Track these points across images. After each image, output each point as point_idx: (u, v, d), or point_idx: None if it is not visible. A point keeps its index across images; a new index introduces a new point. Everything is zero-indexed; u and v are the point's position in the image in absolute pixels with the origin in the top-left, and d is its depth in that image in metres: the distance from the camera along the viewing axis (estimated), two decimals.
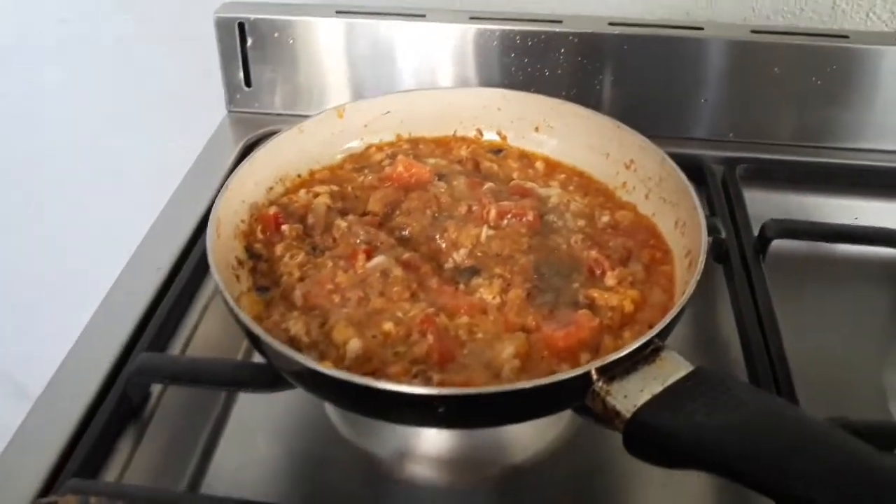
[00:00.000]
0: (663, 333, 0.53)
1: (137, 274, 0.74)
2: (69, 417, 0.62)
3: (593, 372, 0.50)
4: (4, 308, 1.48)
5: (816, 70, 0.87)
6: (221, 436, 0.64)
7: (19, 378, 1.59)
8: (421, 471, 0.63)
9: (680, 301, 0.55)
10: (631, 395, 0.49)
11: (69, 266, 1.38)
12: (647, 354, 0.52)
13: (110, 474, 0.60)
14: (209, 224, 0.62)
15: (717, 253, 0.77)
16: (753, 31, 0.88)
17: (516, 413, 0.53)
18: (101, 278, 0.77)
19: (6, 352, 1.55)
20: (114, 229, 1.23)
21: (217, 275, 0.57)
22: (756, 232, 0.78)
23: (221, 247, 0.63)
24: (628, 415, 0.48)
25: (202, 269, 0.73)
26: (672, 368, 0.51)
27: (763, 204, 0.84)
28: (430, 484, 0.62)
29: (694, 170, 0.85)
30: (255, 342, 0.55)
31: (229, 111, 0.98)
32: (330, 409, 0.65)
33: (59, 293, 1.43)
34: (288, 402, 0.65)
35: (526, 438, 0.64)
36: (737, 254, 0.76)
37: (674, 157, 0.69)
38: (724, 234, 0.76)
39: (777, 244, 0.76)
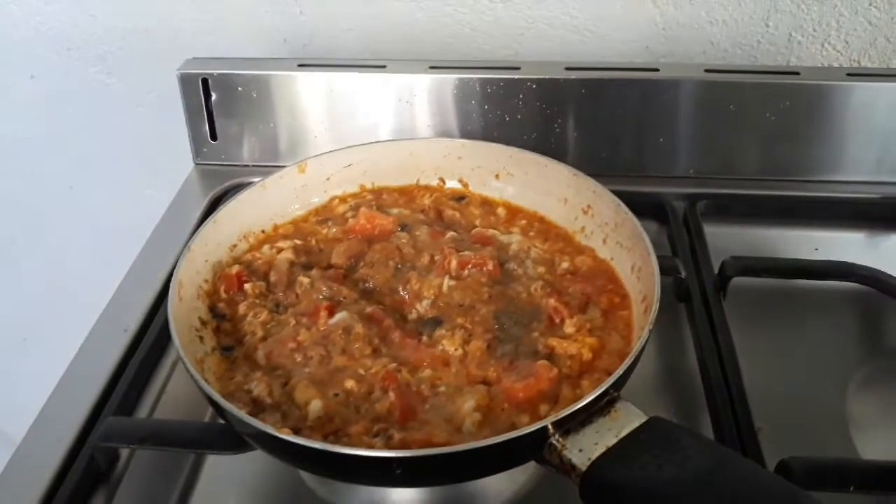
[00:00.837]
0: (618, 384, 0.54)
1: (104, 335, 0.75)
2: (38, 482, 0.62)
3: (549, 426, 0.51)
4: None
5: (770, 106, 0.89)
6: (192, 497, 0.64)
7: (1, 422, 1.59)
8: None
9: (633, 350, 0.56)
10: (586, 449, 0.50)
11: (44, 314, 1.38)
12: (602, 406, 0.53)
13: None
14: (171, 287, 0.62)
15: (678, 292, 0.78)
16: (707, 70, 0.90)
17: (475, 470, 0.54)
18: (78, 327, 0.78)
19: None
20: (94, 281, 1.23)
21: (177, 340, 0.58)
22: (717, 269, 0.79)
23: (184, 309, 0.63)
24: (583, 468, 0.49)
25: (169, 329, 0.73)
26: (626, 420, 0.52)
27: (725, 238, 0.85)
28: None
29: (655, 208, 0.87)
30: (216, 407, 0.55)
31: (196, 164, 0.98)
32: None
33: (43, 342, 1.43)
34: (258, 461, 0.65)
35: (494, 487, 0.64)
36: (697, 292, 0.77)
37: (635, 195, 0.71)
38: (684, 274, 0.77)
39: (738, 280, 0.78)
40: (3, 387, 1.51)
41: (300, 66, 0.92)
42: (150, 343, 0.73)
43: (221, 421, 0.60)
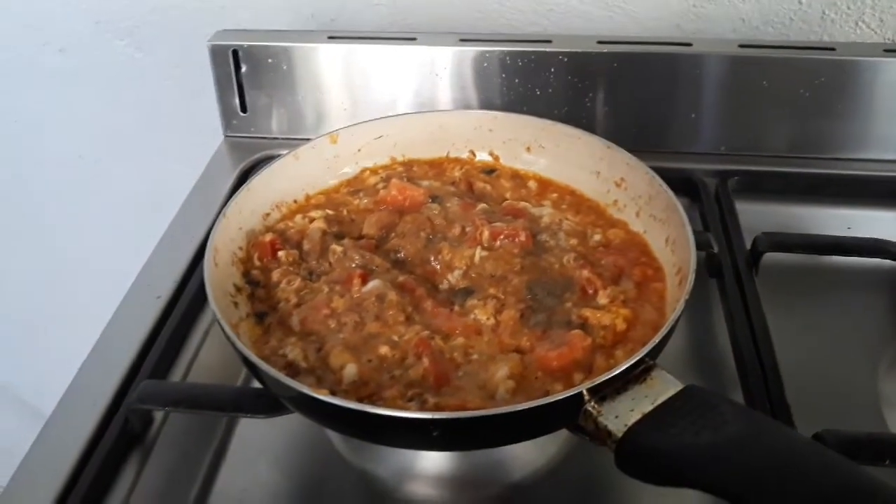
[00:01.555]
0: (654, 352, 0.54)
1: (138, 302, 0.75)
2: (74, 445, 0.63)
3: (585, 393, 0.51)
4: (12, 328, 1.50)
5: (805, 82, 0.88)
6: (224, 460, 0.65)
7: (27, 397, 1.61)
8: (421, 490, 0.64)
9: (669, 320, 0.55)
10: (622, 415, 0.50)
11: (73, 287, 1.40)
12: (637, 374, 0.52)
13: (115, 500, 0.61)
14: (206, 253, 0.63)
15: (710, 267, 0.78)
16: (741, 46, 0.89)
17: (510, 435, 0.54)
18: (104, 299, 0.79)
19: (14, 370, 1.57)
20: (115, 252, 1.25)
21: (214, 304, 0.58)
22: (748, 245, 0.78)
23: (219, 275, 0.64)
24: (619, 434, 0.49)
25: (201, 296, 0.74)
26: (662, 387, 0.51)
27: (756, 216, 0.84)
28: (430, 503, 0.63)
29: (687, 184, 0.86)
30: (253, 369, 0.56)
31: (226, 136, 0.99)
32: (331, 432, 0.66)
33: (63, 313, 1.45)
34: (289, 426, 0.66)
35: (525, 456, 0.65)
36: (730, 268, 0.76)
37: (665, 171, 0.70)
38: (716, 249, 0.77)
39: (770, 256, 0.77)
40: (28, 360, 1.54)
41: (330, 38, 0.92)
42: (182, 310, 0.73)
43: (255, 385, 0.61)
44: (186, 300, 0.74)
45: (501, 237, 0.69)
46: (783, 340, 0.69)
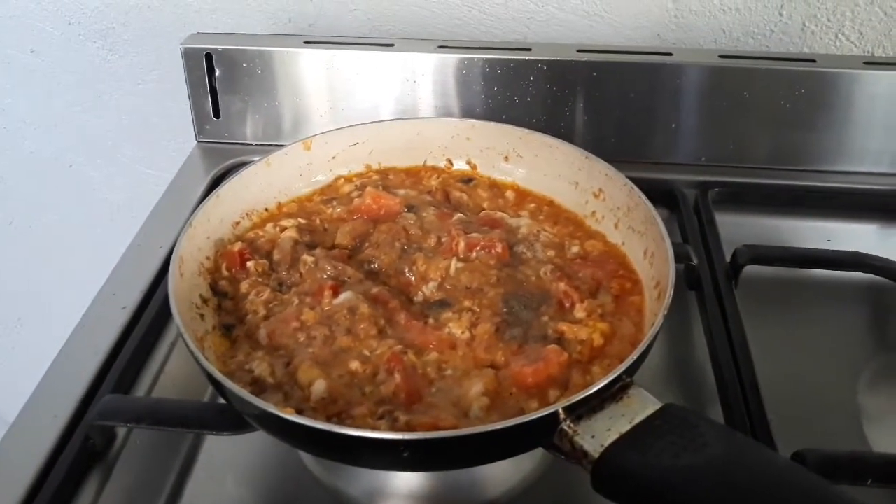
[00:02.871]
0: (631, 370, 0.52)
1: (102, 313, 0.73)
2: (32, 461, 0.61)
3: (560, 412, 0.49)
4: None
5: (785, 94, 0.88)
6: (189, 478, 0.63)
7: None
8: None
9: (647, 336, 0.54)
10: (598, 435, 0.48)
11: (40, 292, 1.37)
12: (614, 392, 0.51)
13: None
14: (171, 263, 0.61)
15: (689, 280, 0.77)
16: (722, 56, 0.89)
17: (483, 455, 0.52)
18: (74, 305, 0.76)
19: None
20: (92, 259, 1.22)
21: (178, 317, 0.56)
22: (728, 258, 0.77)
23: (185, 286, 0.62)
24: (596, 455, 0.48)
25: (168, 307, 0.71)
26: (640, 406, 0.50)
27: (736, 227, 0.84)
28: None
29: (666, 195, 0.85)
30: (217, 386, 0.54)
31: (198, 141, 0.97)
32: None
33: (39, 320, 1.42)
34: (257, 442, 0.64)
35: (500, 474, 0.63)
36: (709, 280, 0.75)
37: (646, 182, 0.69)
38: (695, 262, 0.76)
39: (750, 269, 0.76)
40: None
41: (306, 42, 0.90)
42: (148, 322, 0.71)
43: (221, 401, 0.59)
44: (153, 311, 0.72)
45: (478, 248, 0.67)
46: (763, 354, 0.68)
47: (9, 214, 1.31)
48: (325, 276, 0.65)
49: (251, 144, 0.96)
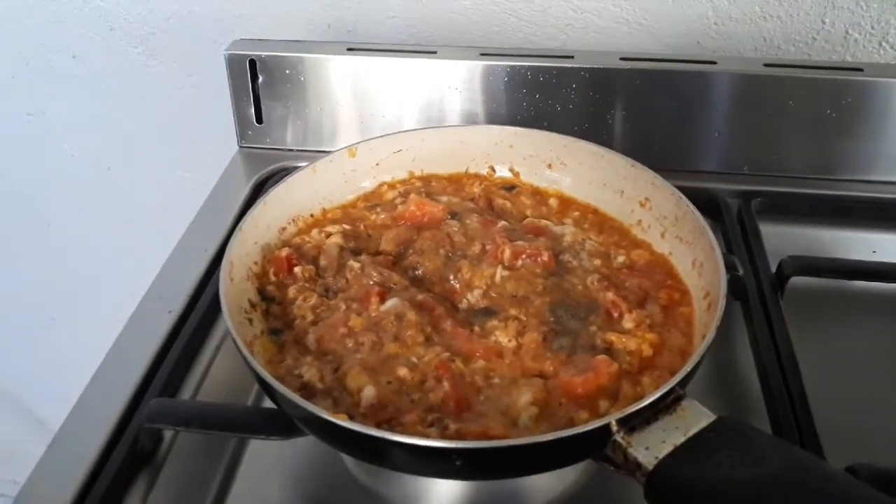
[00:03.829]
0: (684, 382, 0.52)
1: (148, 316, 0.74)
2: (82, 463, 0.61)
3: (614, 423, 0.49)
4: (18, 335, 1.49)
5: (831, 103, 0.87)
6: (234, 480, 0.63)
7: (28, 404, 1.60)
8: None
9: (700, 347, 0.54)
10: (652, 447, 0.48)
11: (75, 294, 1.39)
12: (667, 404, 0.51)
13: None
14: (222, 268, 0.61)
15: (735, 290, 0.76)
16: (766, 65, 0.88)
17: (534, 465, 0.52)
18: (112, 311, 0.77)
19: (15, 375, 1.56)
20: (124, 260, 1.23)
21: (230, 320, 0.57)
22: (774, 268, 0.77)
23: (234, 291, 0.62)
24: (650, 467, 0.47)
25: (214, 310, 0.72)
26: (693, 418, 0.50)
27: (779, 238, 0.83)
28: None
29: (709, 204, 0.85)
30: (268, 390, 0.54)
31: (240, 147, 0.97)
32: (345, 455, 0.64)
33: (72, 322, 1.44)
34: (301, 446, 0.63)
35: (544, 484, 0.63)
36: (755, 291, 0.75)
37: (688, 190, 0.69)
38: (741, 272, 0.75)
39: (795, 280, 0.75)
40: (30, 365, 1.52)
41: (349, 49, 0.91)
42: (194, 325, 0.71)
43: (268, 405, 0.59)
44: (198, 315, 0.72)
45: (523, 256, 0.67)
46: (810, 368, 0.67)
47: (46, 217, 1.32)
48: (371, 283, 0.65)
49: (293, 150, 0.96)
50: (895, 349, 0.74)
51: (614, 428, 0.49)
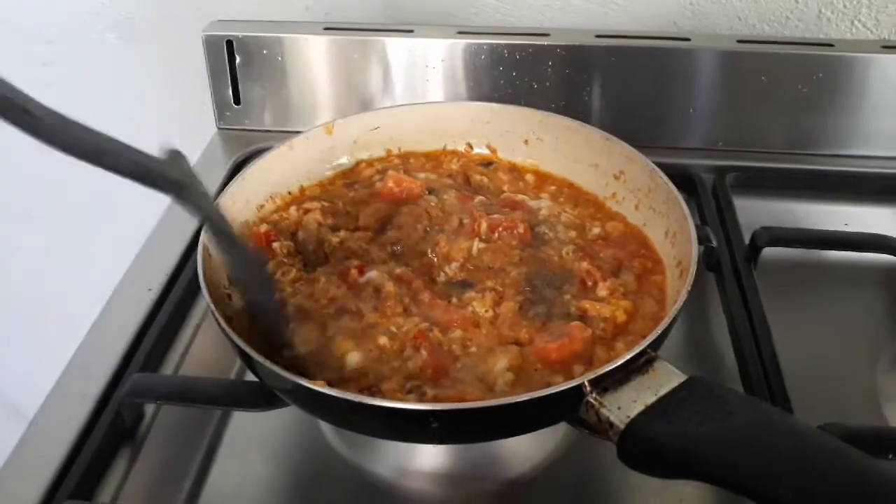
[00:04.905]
0: (656, 343, 0.53)
1: (128, 295, 0.74)
2: (63, 439, 0.62)
3: (586, 384, 0.50)
4: None
5: (803, 78, 0.88)
6: (216, 455, 0.64)
7: (9, 394, 1.59)
8: (418, 486, 0.63)
9: (672, 311, 0.55)
10: (624, 407, 0.49)
11: (62, 284, 1.38)
12: (639, 365, 0.52)
13: (105, 495, 0.60)
14: (199, 244, 0.61)
15: (709, 261, 0.77)
16: (740, 41, 0.89)
17: (510, 427, 0.53)
18: (94, 297, 0.77)
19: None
20: (106, 246, 1.23)
21: (208, 296, 0.57)
22: (747, 240, 0.78)
23: (213, 266, 0.62)
24: (622, 426, 0.48)
25: (194, 288, 0.73)
26: (665, 379, 0.50)
27: (754, 211, 0.84)
28: (427, 499, 0.62)
29: (684, 179, 0.86)
30: (248, 362, 0.54)
31: (219, 128, 0.98)
32: (325, 428, 0.65)
33: (51, 311, 1.43)
34: (282, 421, 0.65)
35: (523, 452, 0.64)
36: (728, 262, 0.76)
37: (663, 166, 0.70)
38: (714, 243, 0.76)
39: (768, 252, 0.77)
40: (10, 360, 1.51)
41: (326, 29, 0.91)
42: (174, 303, 0.72)
43: (250, 378, 0.60)
44: (178, 293, 0.73)
45: (500, 229, 0.68)
46: (782, 336, 0.69)
47: (27, 205, 1.32)
48: (349, 256, 0.66)
49: (271, 131, 0.96)
50: (866, 319, 0.76)
51: (587, 389, 0.50)
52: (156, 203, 0.86)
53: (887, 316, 0.76)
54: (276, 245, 0.67)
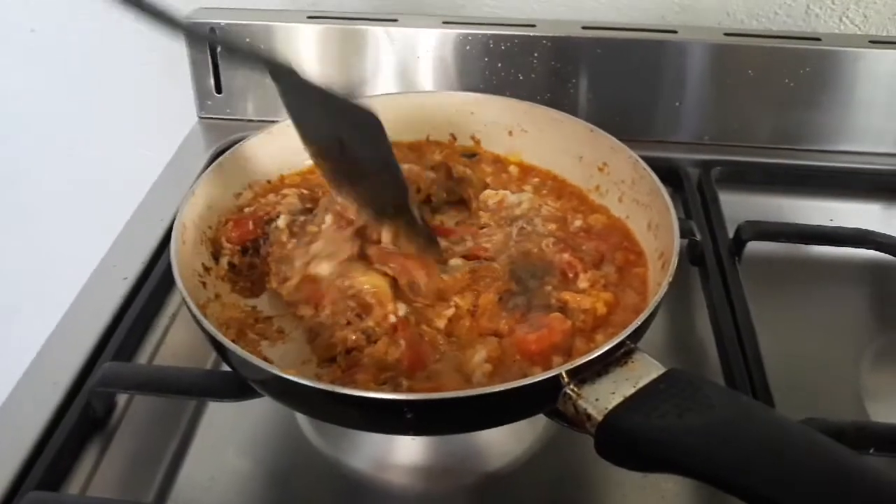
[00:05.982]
0: (635, 335, 0.52)
1: (103, 284, 0.73)
2: (31, 428, 0.60)
3: (563, 375, 0.49)
4: None
5: (790, 72, 0.87)
6: (190, 447, 0.62)
7: None
8: (395, 480, 0.62)
9: (652, 302, 0.54)
10: (602, 398, 0.48)
11: (36, 274, 1.36)
12: (618, 357, 0.51)
13: (74, 485, 0.58)
14: (174, 230, 0.60)
15: (693, 255, 0.76)
16: (727, 34, 0.88)
17: (486, 418, 0.52)
18: (68, 290, 0.76)
19: None
20: (85, 234, 1.21)
21: (181, 282, 0.56)
22: (731, 234, 0.77)
23: (187, 253, 0.61)
24: (599, 417, 0.47)
25: (169, 278, 0.70)
26: (644, 370, 0.50)
27: (739, 206, 0.83)
28: (404, 493, 0.61)
29: (669, 173, 0.85)
30: (220, 349, 0.53)
31: (200, 118, 0.96)
32: (301, 420, 0.64)
33: (28, 305, 1.41)
34: (258, 413, 0.64)
35: (502, 445, 0.63)
36: (712, 256, 0.75)
37: (649, 160, 0.69)
38: (698, 237, 0.75)
39: (753, 246, 0.76)
40: None
41: (309, 17, 0.90)
42: (149, 292, 0.71)
43: (223, 369, 0.59)
44: (153, 282, 0.71)
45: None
46: (766, 331, 0.68)
47: (4, 194, 1.30)
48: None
49: (253, 121, 0.95)
50: (850, 314, 0.76)
51: (564, 380, 0.49)
52: (138, 188, 0.85)
53: (871, 312, 0.76)
54: (254, 233, 0.66)
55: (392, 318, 0.58)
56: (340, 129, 0.58)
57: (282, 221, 0.67)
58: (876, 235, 0.75)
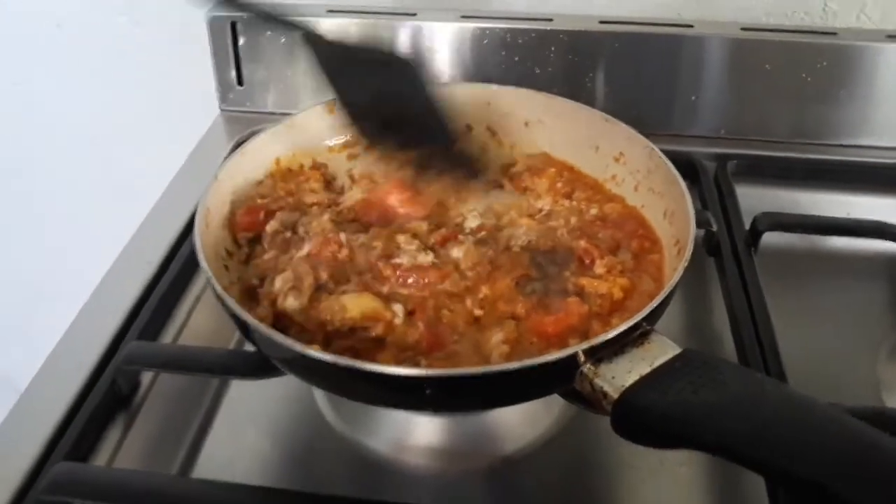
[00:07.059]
0: (651, 317, 0.53)
1: (128, 268, 0.74)
2: (58, 404, 0.62)
3: (580, 353, 0.50)
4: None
5: (807, 67, 0.88)
6: (212, 425, 0.64)
7: (14, 378, 1.59)
8: (413, 461, 0.63)
9: (668, 284, 0.54)
10: (619, 377, 0.49)
11: (64, 266, 1.38)
12: (635, 338, 0.51)
13: (99, 460, 0.60)
14: (198, 213, 0.61)
15: (709, 246, 0.77)
16: (744, 29, 0.89)
17: (504, 395, 0.53)
18: (95, 277, 0.77)
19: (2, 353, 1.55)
20: (108, 228, 1.23)
21: (205, 263, 0.57)
22: (748, 225, 0.78)
23: (210, 236, 0.63)
24: (616, 395, 0.48)
25: (193, 263, 0.72)
26: (660, 351, 0.50)
27: (755, 200, 0.83)
28: (421, 474, 0.62)
29: (686, 167, 0.85)
30: (243, 327, 0.54)
31: (222, 110, 0.98)
32: (320, 400, 0.65)
33: (55, 294, 1.42)
34: (278, 393, 0.65)
35: (517, 429, 0.64)
36: (728, 246, 0.76)
37: (665, 153, 0.69)
38: (715, 227, 0.76)
39: (769, 238, 0.77)
40: (18, 340, 1.51)
41: (329, 11, 0.91)
42: (173, 275, 0.72)
43: (246, 348, 0.60)
44: (177, 266, 0.73)
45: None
46: (781, 322, 0.68)
47: (29, 187, 1.32)
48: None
49: (274, 113, 0.96)
50: (866, 307, 0.75)
51: (581, 359, 0.50)
52: (160, 180, 0.87)
53: (888, 305, 0.76)
54: (273, 220, 0.67)
55: (396, 320, 0.58)
56: (379, 80, 0.58)
57: (270, 227, 0.66)
58: (893, 228, 0.75)
